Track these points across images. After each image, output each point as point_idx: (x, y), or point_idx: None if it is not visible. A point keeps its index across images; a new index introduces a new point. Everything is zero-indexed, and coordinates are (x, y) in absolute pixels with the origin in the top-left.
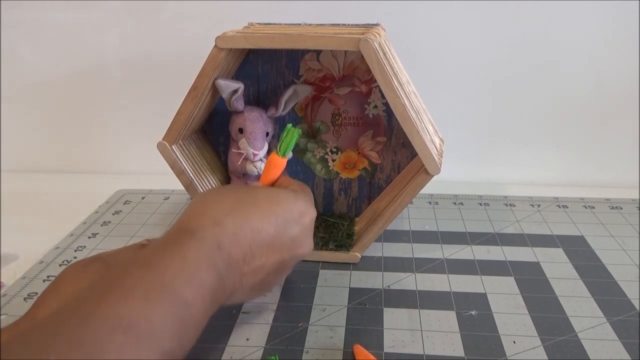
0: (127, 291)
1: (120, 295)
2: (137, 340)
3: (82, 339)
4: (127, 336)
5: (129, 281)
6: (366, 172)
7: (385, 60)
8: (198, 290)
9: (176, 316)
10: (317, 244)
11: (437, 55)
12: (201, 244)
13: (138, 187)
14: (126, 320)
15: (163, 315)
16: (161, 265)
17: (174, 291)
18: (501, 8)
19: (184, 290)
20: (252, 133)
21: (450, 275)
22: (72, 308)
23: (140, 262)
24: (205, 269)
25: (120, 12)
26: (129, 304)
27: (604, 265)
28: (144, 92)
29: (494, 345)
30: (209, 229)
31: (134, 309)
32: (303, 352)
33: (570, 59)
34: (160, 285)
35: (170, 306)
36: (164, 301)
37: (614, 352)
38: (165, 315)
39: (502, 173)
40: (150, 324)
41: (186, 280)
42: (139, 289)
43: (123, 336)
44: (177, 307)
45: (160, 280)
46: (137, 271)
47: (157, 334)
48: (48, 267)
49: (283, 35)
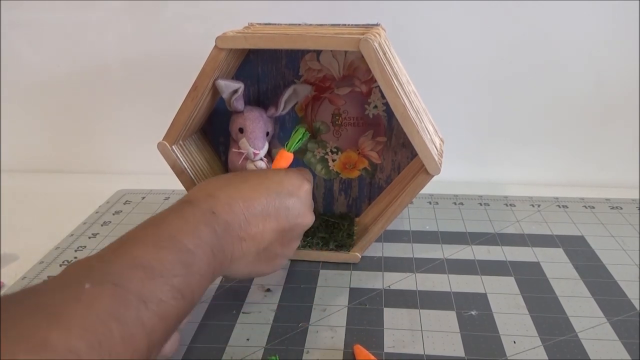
0: (140, 240)
1: (135, 243)
2: (153, 275)
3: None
4: (145, 272)
5: (140, 234)
6: (366, 172)
7: (385, 60)
8: (198, 241)
9: (182, 260)
10: (317, 244)
11: (437, 55)
12: (197, 209)
13: (138, 187)
14: (142, 261)
15: (171, 259)
16: (165, 223)
17: (178, 241)
18: (501, 8)
19: (186, 241)
20: (252, 132)
21: (450, 275)
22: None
23: (148, 222)
24: (202, 228)
25: (120, 12)
26: (143, 249)
27: (604, 265)
28: (144, 92)
29: (494, 345)
30: (203, 199)
31: (147, 252)
32: (303, 352)
33: (570, 59)
34: (166, 236)
35: (176, 252)
36: (171, 248)
37: (614, 352)
38: (172, 258)
39: (502, 173)
40: (162, 264)
41: (187, 234)
42: (149, 239)
43: (142, 272)
44: (181, 253)
45: (166, 233)
46: (146, 227)
47: (168, 272)
48: (48, 267)
49: (283, 36)
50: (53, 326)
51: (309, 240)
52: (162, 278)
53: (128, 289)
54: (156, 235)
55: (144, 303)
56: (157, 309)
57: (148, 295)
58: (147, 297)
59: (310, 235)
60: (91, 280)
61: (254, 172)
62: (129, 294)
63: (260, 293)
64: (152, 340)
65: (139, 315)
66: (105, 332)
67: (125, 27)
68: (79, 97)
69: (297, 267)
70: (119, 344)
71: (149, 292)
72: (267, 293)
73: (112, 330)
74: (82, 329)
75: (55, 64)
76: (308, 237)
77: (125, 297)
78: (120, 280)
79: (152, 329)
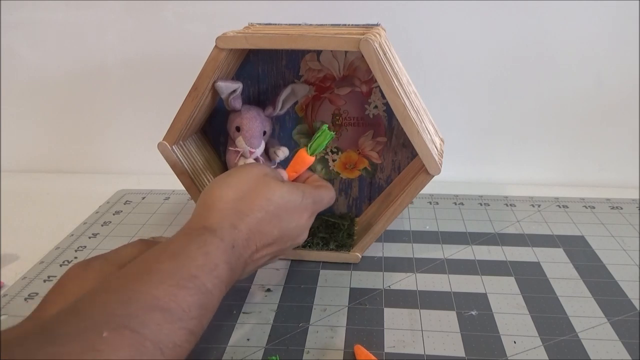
0: (161, 277)
1: (155, 280)
2: (171, 319)
3: (128, 316)
4: (163, 316)
5: (162, 267)
6: (366, 172)
7: (385, 61)
8: (216, 281)
9: (200, 302)
10: (317, 244)
11: (438, 55)
12: (221, 243)
13: (138, 187)
14: (161, 302)
15: (190, 301)
16: (189, 258)
17: (199, 281)
18: (501, 8)
19: (206, 281)
20: (248, 131)
21: (450, 276)
22: (110, 290)
23: (169, 252)
24: (222, 265)
25: (120, 12)
26: (163, 288)
27: (604, 265)
28: (144, 92)
29: (495, 345)
30: (226, 231)
31: (167, 293)
32: (304, 352)
33: (570, 59)
34: (188, 275)
35: (196, 293)
36: (191, 289)
37: (614, 352)
38: (192, 300)
39: (502, 173)
40: (181, 306)
41: (208, 273)
42: (170, 276)
43: (160, 315)
44: (201, 294)
45: (187, 270)
46: (168, 260)
47: (186, 315)
48: (48, 267)
49: (283, 36)
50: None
51: (309, 241)
52: (180, 322)
53: (145, 336)
54: (177, 272)
55: (160, 350)
56: (172, 353)
57: (165, 340)
58: (163, 344)
59: (310, 236)
60: (109, 326)
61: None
62: (146, 341)
63: (261, 293)
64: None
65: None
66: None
67: (125, 27)
68: (79, 97)
69: (298, 267)
70: None
71: (165, 338)
72: (267, 293)
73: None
74: None
75: (55, 64)
76: (308, 237)
77: (142, 345)
78: (137, 326)
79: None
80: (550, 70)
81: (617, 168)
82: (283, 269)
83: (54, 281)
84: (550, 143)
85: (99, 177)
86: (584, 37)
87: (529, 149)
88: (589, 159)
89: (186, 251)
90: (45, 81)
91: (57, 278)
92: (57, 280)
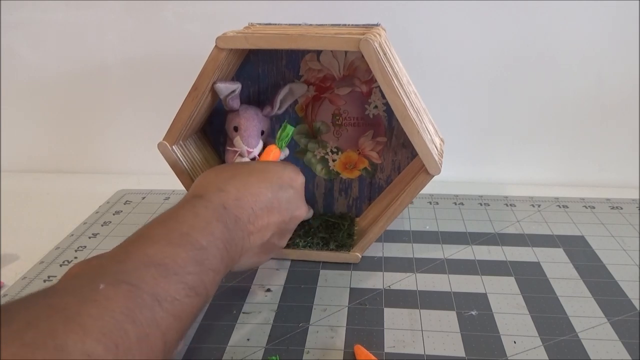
0: (152, 238)
1: (147, 241)
2: (166, 274)
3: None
4: (158, 270)
5: (154, 232)
6: (366, 172)
7: (385, 61)
8: (210, 237)
9: (195, 258)
10: (317, 244)
11: (438, 56)
12: (209, 203)
13: (138, 187)
14: (155, 259)
15: (184, 256)
16: (178, 220)
17: (191, 238)
18: (501, 8)
19: (199, 237)
20: (246, 131)
21: (450, 275)
22: (104, 256)
23: (159, 219)
24: (214, 223)
25: (120, 12)
26: (156, 247)
27: (604, 265)
28: (145, 92)
29: (495, 345)
30: (213, 194)
31: (160, 250)
32: (304, 352)
33: (570, 59)
34: (179, 233)
35: (189, 249)
36: (184, 245)
37: (614, 352)
38: (186, 256)
39: (502, 173)
40: (175, 262)
41: (199, 230)
42: (161, 237)
43: (155, 270)
44: (195, 250)
45: (179, 230)
46: (158, 225)
47: (182, 270)
48: (48, 267)
49: (283, 36)
50: (69, 330)
51: (309, 241)
52: (175, 276)
53: (142, 289)
54: (168, 233)
55: (158, 302)
56: (172, 307)
57: (162, 294)
58: (161, 296)
59: (310, 236)
60: (105, 280)
61: (255, 165)
62: (143, 294)
63: (261, 293)
64: (167, 340)
65: (153, 316)
66: (121, 334)
67: (125, 27)
68: (79, 97)
69: (298, 267)
70: (135, 345)
71: (163, 291)
72: (267, 293)
73: (128, 331)
74: (98, 332)
75: (55, 64)
76: (308, 237)
77: (139, 297)
78: (134, 280)
79: (167, 329)
80: (550, 70)
81: (617, 168)
82: (283, 269)
83: (54, 281)
84: (550, 143)
85: (99, 177)
86: (584, 37)
87: (529, 149)
88: (589, 159)
89: (175, 216)
90: (45, 81)
91: (57, 278)
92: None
